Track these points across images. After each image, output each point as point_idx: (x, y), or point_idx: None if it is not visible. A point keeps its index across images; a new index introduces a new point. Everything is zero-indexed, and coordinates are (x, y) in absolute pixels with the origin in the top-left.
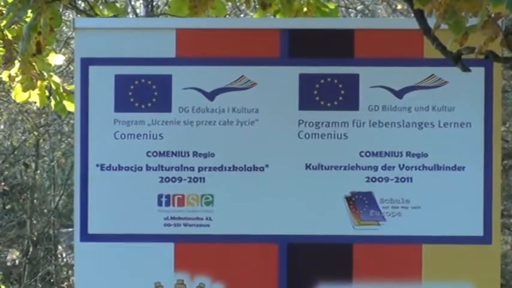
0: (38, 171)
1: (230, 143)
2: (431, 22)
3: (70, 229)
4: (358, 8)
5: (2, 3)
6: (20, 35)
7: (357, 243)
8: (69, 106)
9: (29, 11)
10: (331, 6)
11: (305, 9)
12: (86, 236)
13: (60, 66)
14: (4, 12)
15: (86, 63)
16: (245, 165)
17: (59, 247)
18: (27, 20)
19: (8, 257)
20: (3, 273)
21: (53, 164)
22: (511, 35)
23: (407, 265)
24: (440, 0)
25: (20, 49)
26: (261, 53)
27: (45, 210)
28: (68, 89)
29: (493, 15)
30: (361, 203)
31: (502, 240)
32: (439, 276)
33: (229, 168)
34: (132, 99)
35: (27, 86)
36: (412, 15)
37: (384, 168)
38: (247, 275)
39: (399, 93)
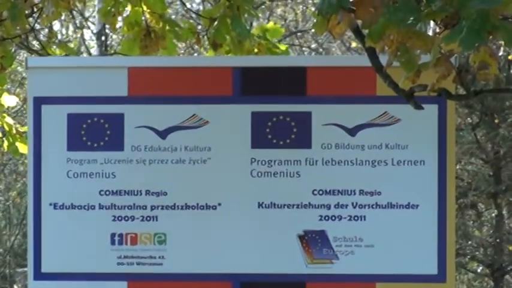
0: None
1: (182, 182)
2: (384, 59)
3: (26, 268)
4: (313, 46)
5: None
6: None
7: (310, 282)
8: (22, 148)
9: None
10: (282, 47)
11: (256, 50)
12: (39, 275)
13: (15, 106)
14: None
15: (39, 102)
16: (198, 204)
17: (15, 286)
18: None
19: None
20: None
21: (8, 203)
22: (464, 72)
23: None
24: (392, 37)
25: None
26: (213, 91)
27: (1, 250)
28: (21, 130)
29: (446, 52)
30: (314, 241)
31: (458, 279)
32: None
33: (182, 206)
34: (84, 138)
35: None
36: (365, 53)
37: (336, 206)
38: None
39: (352, 131)
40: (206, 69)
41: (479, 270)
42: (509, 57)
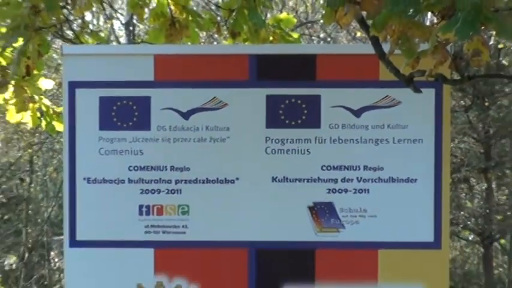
0: (32, 185)
1: (204, 158)
2: (386, 48)
3: (61, 237)
4: (321, 35)
5: None
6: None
7: (319, 249)
8: (58, 126)
9: (21, 38)
10: (295, 35)
11: (271, 38)
12: (74, 243)
13: (51, 90)
14: None
15: (73, 86)
16: (217, 178)
17: (52, 253)
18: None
19: (6, 262)
20: (2, 277)
21: (45, 178)
22: (459, 59)
23: (364, 268)
24: (394, 27)
25: (11, 72)
26: (232, 76)
27: (39, 220)
28: (57, 110)
29: (442, 41)
30: (322, 212)
31: (452, 246)
32: (393, 278)
33: (203, 181)
34: (115, 119)
35: (20, 108)
36: (369, 41)
37: (343, 180)
38: (220, 276)
39: (357, 113)
40: (225, 56)
41: (470, 238)
42: (499, 46)
